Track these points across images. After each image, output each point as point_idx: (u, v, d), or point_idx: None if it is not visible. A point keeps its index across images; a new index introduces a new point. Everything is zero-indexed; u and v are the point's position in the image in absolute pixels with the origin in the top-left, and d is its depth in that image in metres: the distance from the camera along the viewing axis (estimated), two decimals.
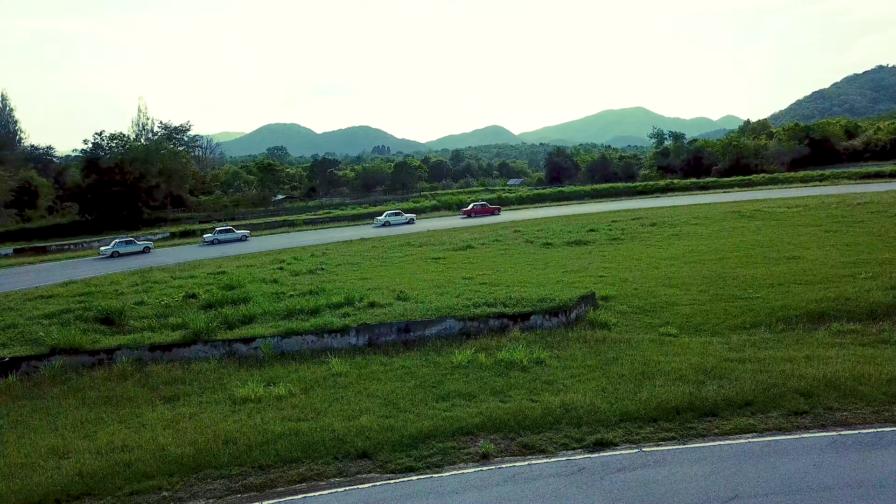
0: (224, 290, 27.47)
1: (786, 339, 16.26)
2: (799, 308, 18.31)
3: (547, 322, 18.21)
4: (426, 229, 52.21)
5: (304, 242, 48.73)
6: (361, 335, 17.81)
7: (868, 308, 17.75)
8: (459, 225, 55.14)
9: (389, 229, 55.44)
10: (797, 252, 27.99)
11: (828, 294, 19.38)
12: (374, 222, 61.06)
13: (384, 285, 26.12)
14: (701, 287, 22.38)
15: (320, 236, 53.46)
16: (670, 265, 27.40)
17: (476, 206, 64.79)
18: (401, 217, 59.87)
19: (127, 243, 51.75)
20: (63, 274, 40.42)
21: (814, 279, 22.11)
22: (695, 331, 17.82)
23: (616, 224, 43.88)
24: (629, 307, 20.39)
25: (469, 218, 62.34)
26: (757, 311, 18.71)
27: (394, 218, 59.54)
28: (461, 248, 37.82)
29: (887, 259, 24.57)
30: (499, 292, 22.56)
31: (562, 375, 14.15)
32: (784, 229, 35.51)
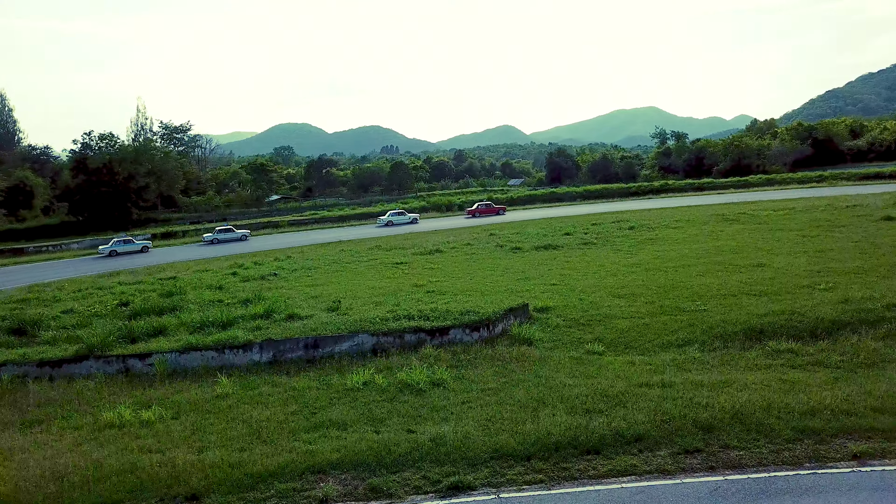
0: (163, 297, 26.45)
1: (714, 359, 14.94)
2: (741, 323, 16.95)
3: (467, 337, 16.96)
4: (430, 229, 51.87)
5: (301, 242, 48.62)
6: (265, 351, 16.65)
7: (812, 324, 16.37)
8: (461, 225, 54.47)
9: (389, 229, 55.11)
10: (765, 259, 26.56)
11: (776, 308, 18.00)
12: (377, 222, 60.59)
13: (327, 294, 25.02)
14: (650, 298, 21.04)
15: (322, 236, 53.29)
16: (630, 272, 26.06)
17: (480, 205, 63.90)
18: (404, 217, 59.28)
19: (125, 242, 52.17)
20: (31, 276, 39.68)
21: (770, 290, 20.71)
22: (624, 348, 16.54)
23: (595, 227, 42.49)
24: (565, 320, 19.10)
25: (473, 218, 61.51)
26: (697, 326, 17.38)
27: (397, 218, 59.04)
28: (429, 252, 36.65)
29: (854, 268, 23.12)
30: (440, 301, 21.41)
31: (455, 401, 12.91)
32: (761, 234, 34.02)
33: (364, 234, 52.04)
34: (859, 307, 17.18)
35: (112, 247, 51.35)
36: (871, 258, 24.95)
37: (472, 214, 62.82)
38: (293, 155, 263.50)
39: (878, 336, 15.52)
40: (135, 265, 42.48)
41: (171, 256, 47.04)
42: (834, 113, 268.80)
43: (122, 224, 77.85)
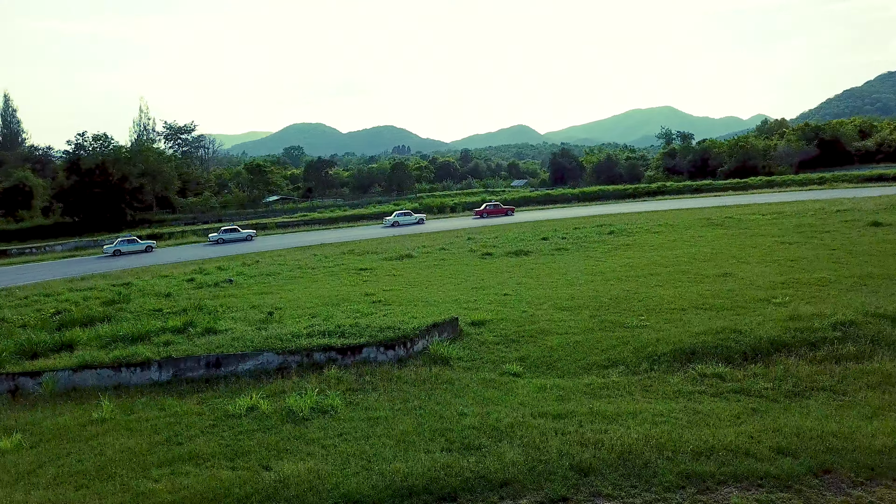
0: (105, 305, 25.71)
1: (633, 384, 13.74)
2: (674, 342, 15.72)
3: (381, 356, 15.89)
4: (429, 230, 52.02)
5: (305, 242, 49.28)
6: (165, 370, 15.67)
7: (751, 345, 15.11)
8: (466, 226, 53.86)
9: (385, 231, 55.35)
10: (733, 268, 25.27)
11: (719, 325, 16.75)
12: (384, 222, 60.63)
13: (272, 303, 24.14)
14: (595, 311, 19.86)
15: (312, 237, 53.32)
16: (590, 281, 24.87)
17: (489, 206, 62.89)
18: (410, 217, 59.26)
19: (129, 242, 52.72)
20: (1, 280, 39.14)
21: (723, 304, 19.48)
22: (546, 369, 15.38)
23: (575, 232, 41.30)
24: (496, 336, 17.97)
25: (481, 218, 60.73)
26: (629, 344, 16.18)
27: (403, 218, 59.02)
28: (400, 257, 35.64)
29: (819, 280, 21.80)
30: (379, 314, 20.55)
31: (333, 432, 11.84)
32: (741, 240, 32.67)
33: (353, 237, 51.33)
34: (805, 325, 15.90)
35: (116, 246, 51.90)
36: (842, 268, 23.61)
37: (479, 215, 61.95)
38: (303, 155, 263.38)
39: (815, 359, 14.26)
40: (120, 267, 41.96)
41: (172, 256, 47.13)
42: (851, 112, 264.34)
43: (116, 225, 77.57)
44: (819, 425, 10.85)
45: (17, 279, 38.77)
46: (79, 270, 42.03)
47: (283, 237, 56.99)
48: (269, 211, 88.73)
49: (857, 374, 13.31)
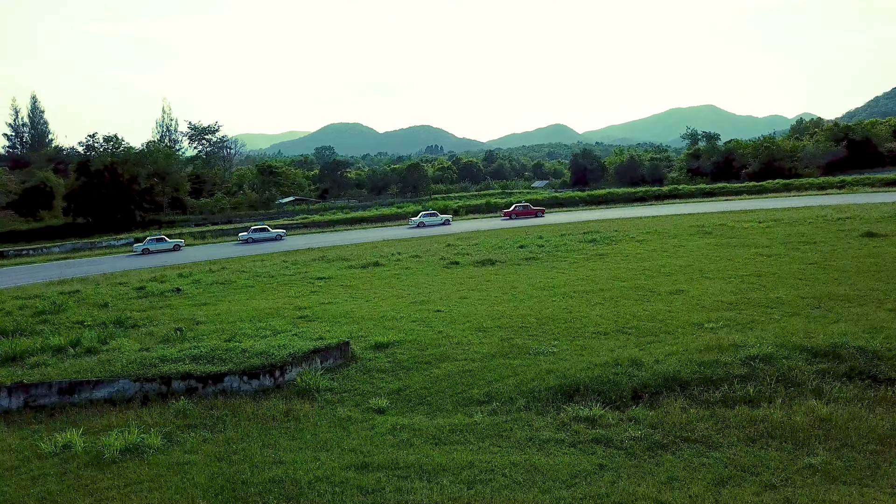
0: (34, 316, 25.05)
1: (492, 427, 12.18)
2: (567, 375, 14.08)
3: (244, 385, 14.65)
4: (451, 232, 51.52)
5: (333, 242, 49.68)
6: (15, 396, 14.65)
7: (643, 381, 13.43)
8: (493, 227, 52.87)
9: (394, 232, 55.26)
10: (691, 284, 23.44)
11: (625, 355, 15.06)
12: (409, 223, 60.20)
13: (208, 316, 23.31)
14: (513, 333, 18.34)
15: (359, 235, 54.19)
16: (533, 297, 23.28)
17: (518, 207, 61.33)
18: (436, 218, 58.81)
19: (157, 241, 54.04)
20: None
21: (652, 328, 17.80)
22: (418, 404, 13.92)
23: (560, 238, 39.59)
24: (392, 362, 16.55)
25: (510, 220, 59.36)
26: (520, 376, 14.61)
27: (428, 219, 58.42)
28: (367, 265, 34.41)
29: (775, 300, 19.92)
30: (289, 331, 19.49)
31: (124, 481, 10.62)
32: (719, 251, 30.68)
33: (358, 239, 50.78)
34: (715, 359, 14.14)
35: (145, 245, 53.22)
36: (806, 286, 21.64)
37: (508, 216, 60.41)
38: (334, 154, 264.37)
39: (706, 401, 12.54)
40: (118, 268, 41.84)
41: (196, 256, 47.50)
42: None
43: (125, 226, 78.06)
44: (655, 494, 9.25)
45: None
46: (62, 273, 41.83)
47: (322, 235, 57.52)
48: (279, 212, 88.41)
49: (742, 422, 11.59)
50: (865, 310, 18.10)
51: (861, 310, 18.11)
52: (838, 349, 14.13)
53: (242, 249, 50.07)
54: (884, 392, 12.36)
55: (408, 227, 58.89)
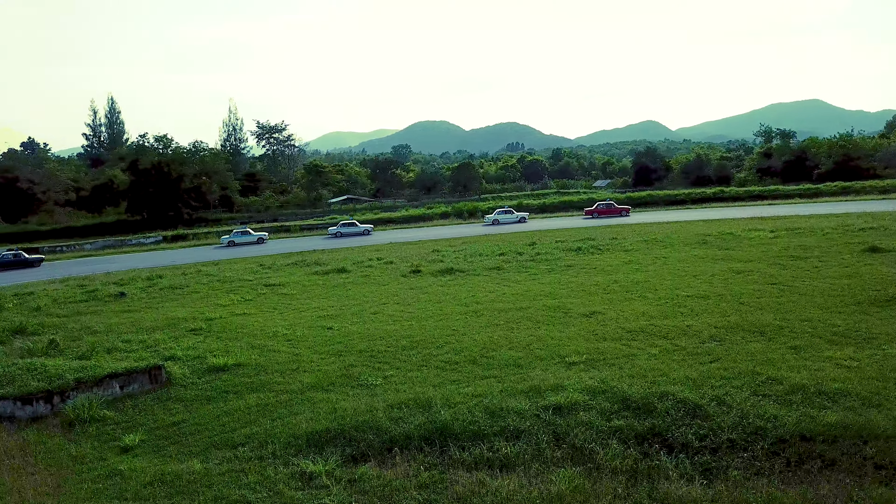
0: None
1: (209, 477, 10.77)
2: (344, 418, 12.47)
3: (19, 411, 13.79)
4: (538, 229, 49.58)
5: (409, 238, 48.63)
6: None
7: (405, 433, 11.61)
8: (568, 225, 50.96)
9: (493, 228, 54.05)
10: (618, 306, 21.06)
11: (427, 393, 13.27)
12: (485, 220, 59.28)
13: (114, 324, 22.95)
14: (360, 359, 16.79)
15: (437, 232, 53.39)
16: (442, 315, 21.47)
17: (601, 205, 58.34)
18: (511, 216, 57.50)
19: (243, 234, 55.53)
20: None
21: (516, 358, 15.90)
22: (174, 442, 12.66)
23: (549, 245, 37.27)
24: (211, 390, 15.34)
25: (592, 218, 56.50)
26: (300, 416, 13.10)
27: (503, 216, 57.36)
28: (334, 270, 33.39)
29: (680, 329, 17.47)
30: (139, 351, 18.58)
31: None
32: (696, 265, 27.82)
33: (404, 238, 49.67)
34: (514, 405, 12.14)
35: (231, 237, 54.96)
36: (736, 313, 18.96)
37: (590, 215, 57.50)
38: (411, 153, 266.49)
39: (451, 462, 10.63)
40: (146, 265, 42.51)
41: (280, 248, 47.84)
42: None
43: (174, 223, 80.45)
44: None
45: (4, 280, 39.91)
46: (73, 271, 42.69)
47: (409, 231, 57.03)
48: (327, 211, 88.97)
49: (469, 492, 9.66)
50: (766, 346, 15.45)
51: (760, 346, 15.47)
52: (657, 401, 11.84)
53: (325, 243, 50.11)
54: (656, 464, 10.07)
55: (483, 225, 57.66)
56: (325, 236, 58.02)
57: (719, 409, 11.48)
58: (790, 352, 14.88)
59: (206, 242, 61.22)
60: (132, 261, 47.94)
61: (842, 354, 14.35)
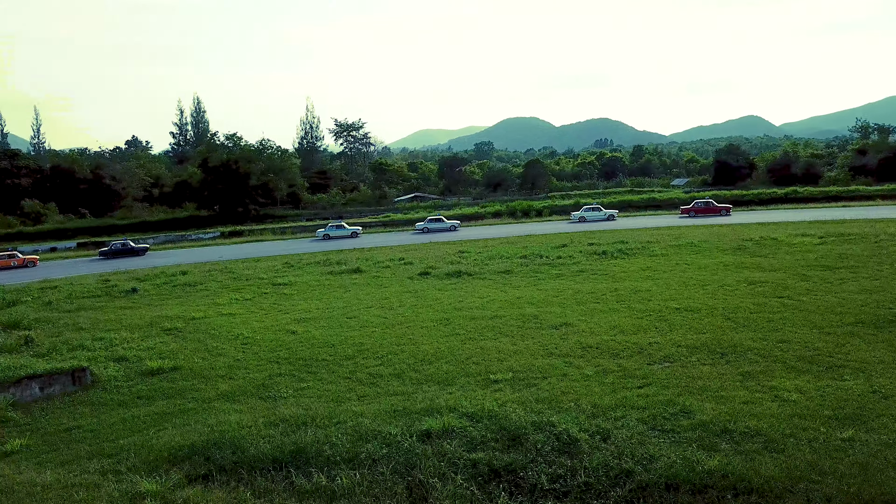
0: None
1: (37, 492, 10.51)
2: (213, 433, 11.97)
3: None
4: (624, 227, 47.54)
5: (448, 238, 48.46)
6: None
7: (233, 461, 10.96)
8: (648, 225, 48.50)
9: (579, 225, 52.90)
10: (593, 317, 19.71)
11: (323, 410, 12.60)
12: (571, 217, 58.72)
13: (94, 321, 23.50)
14: (287, 369, 16.37)
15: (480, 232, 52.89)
16: (412, 323, 20.77)
17: (698, 204, 55.03)
18: (599, 213, 56.37)
19: (337, 227, 57.15)
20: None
21: (449, 373, 15.11)
22: (52, 450, 12.50)
23: (588, 247, 35.69)
24: (123, 395, 15.26)
25: (689, 217, 53.35)
26: (183, 428, 12.71)
27: (590, 214, 56.55)
28: (345, 272, 33.15)
29: (641, 346, 16.02)
30: (106, 350, 18.89)
31: None
32: (712, 273, 25.88)
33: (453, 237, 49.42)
34: (381, 430, 11.30)
35: (326, 231, 56.42)
36: (715, 329, 17.31)
37: (687, 213, 54.38)
38: (494, 150, 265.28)
39: (273, 489, 9.91)
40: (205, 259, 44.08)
41: (371, 242, 48.93)
42: None
43: (242, 219, 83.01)
44: None
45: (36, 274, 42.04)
46: (120, 266, 44.33)
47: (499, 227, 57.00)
48: (390, 209, 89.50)
49: None
50: (716, 370, 13.92)
51: (710, 369, 13.96)
52: (533, 432, 10.70)
53: (413, 238, 50.74)
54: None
55: (568, 222, 56.63)
56: (413, 232, 57.81)
57: (598, 445, 10.22)
58: (736, 378, 13.28)
59: (262, 238, 62.62)
60: (182, 256, 49.48)
61: (791, 384, 12.65)
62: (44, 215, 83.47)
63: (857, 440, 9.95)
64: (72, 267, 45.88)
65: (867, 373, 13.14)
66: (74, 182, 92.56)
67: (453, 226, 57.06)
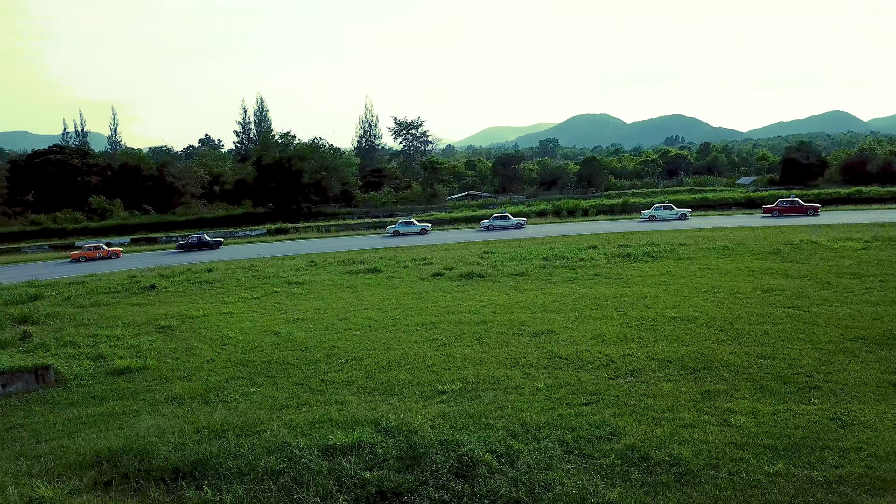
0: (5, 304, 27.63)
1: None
2: (130, 438, 11.83)
3: None
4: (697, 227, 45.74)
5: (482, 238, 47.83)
6: None
7: (197, 458, 10.71)
8: (736, 224, 46.17)
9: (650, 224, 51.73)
10: (581, 324, 18.81)
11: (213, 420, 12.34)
12: (641, 216, 57.69)
13: (96, 318, 23.95)
14: (246, 371, 16.11)
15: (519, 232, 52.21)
16: (395, 328, 20.32)
17: (783, 203, 52.20)
18: (670, 212, 54.89)
19: (407, 224, 57.54)
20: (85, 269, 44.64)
21: (399, 382, 14.48)
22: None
23: (617, 248, 34.43)
24: (69, 396, 15.35)
25: (772, 217, 50.72)
26: (125, 430, 12.63)
27: (661, 212, 55.07)
28: (364, 271, 32.99)
29: (613, 358, 15.09)
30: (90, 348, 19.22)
31: None
32: (733, 278, 24.37)
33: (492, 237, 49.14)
34: (296, 443, 10.87)
35: (396, 227, 56.84)
36: (701, 340, 16.18)
37: (769, 213, 51.80)
38: (558, 147, 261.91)
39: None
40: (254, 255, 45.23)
41: (442, 239, 49.33)
42: None
43: (295, 216, 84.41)
44: None
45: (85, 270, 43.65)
46: (161, 261, 45.67)
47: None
48: (441, 207, 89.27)
49: None
50: (678, 386, 12.93)
51: (672, 386, 12.99)
52: (438, 451, 10.07)
53: (477, 235, 50.73)
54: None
55: (639, 221, 55.23)
56: (477, 229, 57.39)
57: (499, 469, 9.50)
58: (693, 398, 12.24)
59: (305, 236, 63.39)
60: (222, 253, 50.58)
61: (748, 406, 11.57)
62: (109, 211, 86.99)
63: (783, 475, 8.90)
64: (145, 259, 48.15)
65: (839, 396, 11.89)
66: (140, 179, 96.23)
67: (519, 223, 55.97)
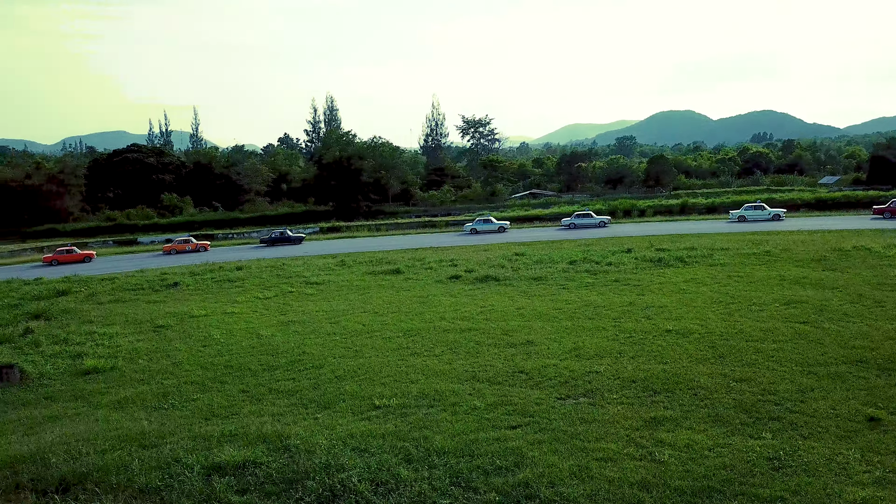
0: (32, 300, 28.64)
1: None
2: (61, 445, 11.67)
3: None
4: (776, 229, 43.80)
5: (520, 238, 47.18)
6: None
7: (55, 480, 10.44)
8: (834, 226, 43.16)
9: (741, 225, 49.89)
10: (567, 336, 17.74)
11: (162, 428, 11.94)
12: (730, 216, 55.63)
13: (104, 315, 24.46)
14: (215, 374, 15.84)
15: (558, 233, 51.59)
16: (377, 334, 19.75)
17: (894, 204, 49.76)
18: (762, 212, 52.98)
19: (485, 222, 56.97)
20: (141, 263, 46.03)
21: (350, 393, 13.87)
22: None
23: (652, 252, 32.91)
24: (25, 396, 15.46)
25: (882, 219, 47.96)
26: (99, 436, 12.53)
27: (751, 213, 53.24)
28: (389, 272, 32.58)
29: (581, 374, 13.98)
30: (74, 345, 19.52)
31: None
32: (757, 290, 22.68)
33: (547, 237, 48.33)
34: (186, 459, 10.42)
35: (473, 225, 56.31)
36: (695, 361, 14.90)
37: (880, 214, 49.41)
38: (637, 145, 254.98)
39: None
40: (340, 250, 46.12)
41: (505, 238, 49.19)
42: None
43: (353, 214, 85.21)
44: None
45: (132, 264, 44.96)
46: (208, 258, 46.50)
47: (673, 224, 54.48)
48: (501, 206, 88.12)
49: None
50: (630, 411, 11.80)
51: (623, 410, 11.85)
52: (324, 472, 9.36)
53: (556, 234, 49.95)
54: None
55: (727, 222, 53.25)
56: (558, 227, 55.91)
57: (372, 498, 8.72)
58: (636, 425, 11.08)
59: (357, 234, 63.71)
60: (269, 251, 51.29)
61: (687, 439, 10.35)
62: (179, 208, 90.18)
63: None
64: (226, 253, 49.73)
65: (797, 430, 10.48)
66: (212, 177, 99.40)
67: (603, 221, 54.17)
